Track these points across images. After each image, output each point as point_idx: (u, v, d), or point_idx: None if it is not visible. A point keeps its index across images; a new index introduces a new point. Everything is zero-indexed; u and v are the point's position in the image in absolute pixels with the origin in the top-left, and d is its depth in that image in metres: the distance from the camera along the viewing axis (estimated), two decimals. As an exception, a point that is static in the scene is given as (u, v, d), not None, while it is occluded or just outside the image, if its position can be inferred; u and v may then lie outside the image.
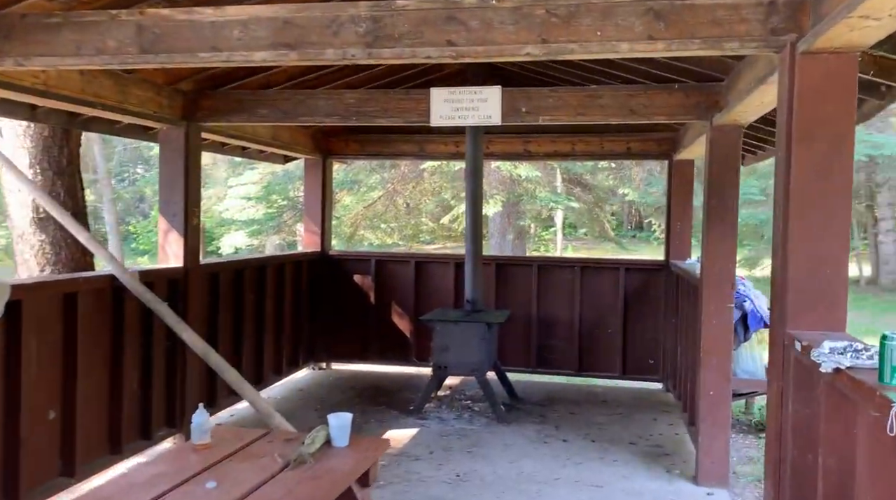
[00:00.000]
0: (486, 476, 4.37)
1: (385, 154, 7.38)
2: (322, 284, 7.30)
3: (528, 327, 6.88)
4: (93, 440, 4.15)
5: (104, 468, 4.24)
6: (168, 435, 4.84)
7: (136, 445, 4.53)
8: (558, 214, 19.53)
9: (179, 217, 4.91)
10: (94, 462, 4.16)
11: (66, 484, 3.93)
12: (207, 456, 2.55)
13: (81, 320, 3.99)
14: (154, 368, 4.64)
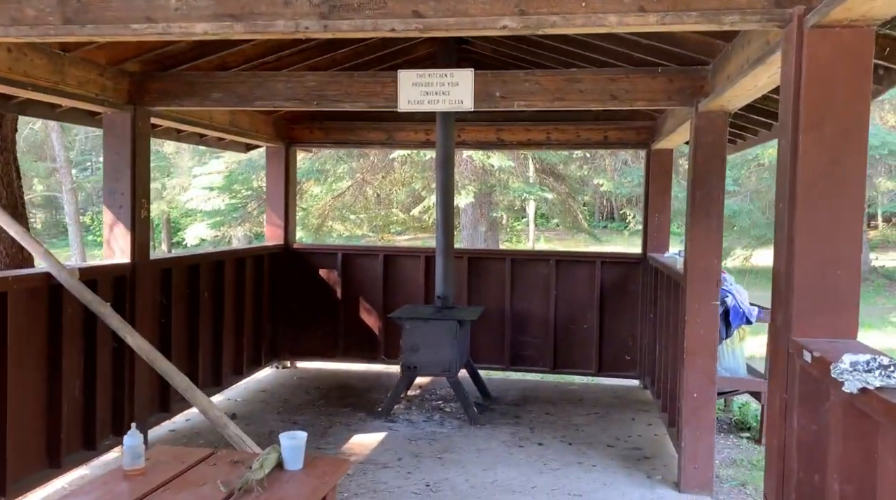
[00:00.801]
0: (459, 486, 4.10)
1: (351, 142, 7.03)
2: (285, 279, 6.95)
3: (501, 324, 6.62)
4: (27, 454, 3.78)
5: (41, 482, 3.89)
6: (115, 444, 4.48)
7: (79, 456, 4.18)
8: (530, 205, 19.33)
9: (126, 209, 4.53)
10: (29, 478, 3.80)
11: (-3, 504, 3.57)
12: (139, 485, 2.23)
13: (11, 322, 3.62)
14: (98, 373, 4.28)
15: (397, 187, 13.88)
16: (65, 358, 4.00)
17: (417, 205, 12.60)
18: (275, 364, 6.97)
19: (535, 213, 21.22)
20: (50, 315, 3.95)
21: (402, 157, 12.26)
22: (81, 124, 5.05)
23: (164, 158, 21.17)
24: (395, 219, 14.60)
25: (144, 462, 2.36)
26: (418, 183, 11.89)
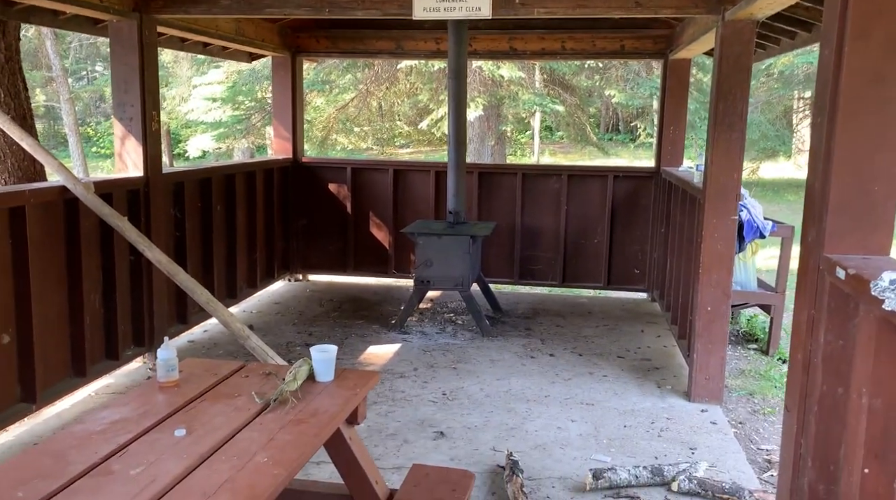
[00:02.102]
0: (474, 394, 4.22)
1: (359, 52, 6.82)
2: (295, 193, 6.91)
3: (511, 238, 6.64)
4: (54, 364, 3.88)
5: (68, 391, 4.00)
6: (136, 355, 4.59)
7: (103, 366, 4.28)
8: (536, 118, 18.99)
9: (137, 121, 4.45)
10: (56, 386, 3.90)
11: (27, 410, 3.69)
12: (175, 396, 2.29)
13: (31, 235, 3.62)
14: (117, 285, 4.32)
15: (402, 99, 13.60)
16: (84, 271, 4.03)
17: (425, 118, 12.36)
18: (287, 277, 7.04)
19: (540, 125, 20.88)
20: (67, 229, 3.95)
21: (407, 68, 11.94)
22: (85, 33, 4.88)
23: (163, 68, 20.59)
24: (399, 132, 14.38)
25: (178, 374, 2.41)
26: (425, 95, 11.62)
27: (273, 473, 1.80)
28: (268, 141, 17.80)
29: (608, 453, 3.48)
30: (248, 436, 2.02)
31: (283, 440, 1.99)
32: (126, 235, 3.94)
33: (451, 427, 3.76)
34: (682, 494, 3.07)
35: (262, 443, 1.97)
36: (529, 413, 3.95)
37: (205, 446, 1.95)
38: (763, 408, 4.20)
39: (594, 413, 3.96)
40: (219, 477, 1.78)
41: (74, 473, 1.78)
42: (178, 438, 1.99)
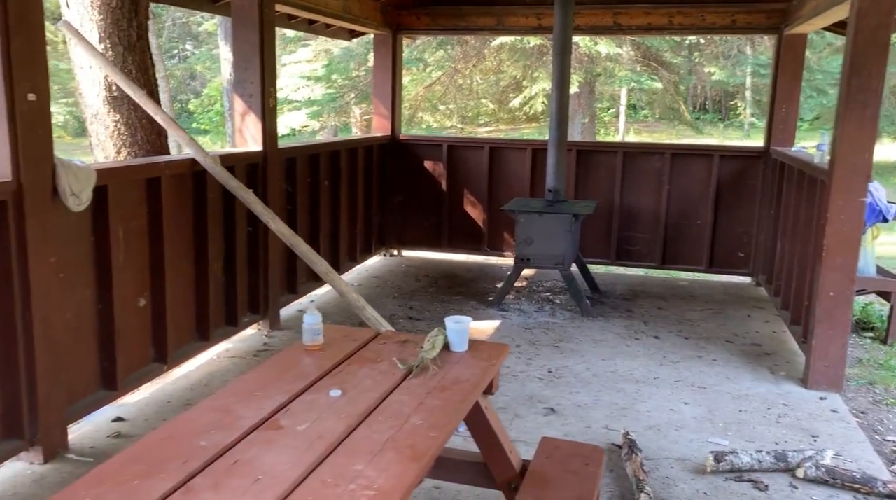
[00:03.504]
0: (580, 373, 4.22)
1: (459, 28, 6.82)
2: (392, 169, 7.03)
3: (609, 218, 6.55)
4: (182, 327, 4.11)
5: (193, 353, 4.23)
6: (252, 322, 4.80)
7: (223, 331, 4.50)
8: (622, 95, 18.57)
9: (256, 98, 4.61)
10: (183, 348, 4.14)
11: (159, 370, 3.92)
12: (322, 360, 2.39)
13: (165, 205, 3.83)
14: (237, 254, 4.52)
15: (488, 77, 13.54)
16: (210, 241, 4.24)
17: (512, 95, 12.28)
18: (383, 252, 7.19)
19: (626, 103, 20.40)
20: (195, 200, 4.15)
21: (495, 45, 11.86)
22: (206, 11, 5.08)
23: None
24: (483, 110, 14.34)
25: (322, 339, 2.52)
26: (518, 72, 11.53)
27: (430, 435, 1.87)
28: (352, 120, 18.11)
29: (725, 436, 3.43)
30: (399, 399, 2.10)
31: (433, 405, 2.05)
32: (251, 207, 4.11)
33: (561, 404, 3.78)
34: (809, 481, 3.00)
35: (413, 406, 2.04)
36: (639, 394, 3.92)
37: (360, 406, 2.03)
38: (885, 398, 4.04)
39: (707, 397, 3.90)
40: (380, 437, 1.86)
41: (246, 427, 1.90)
42: (334, 398, 2.09)
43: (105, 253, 3.46)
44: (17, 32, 2.81)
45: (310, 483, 1.63)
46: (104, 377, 3.54)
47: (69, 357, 3.24)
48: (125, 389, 3.64)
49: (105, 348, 3.52)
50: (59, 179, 3.05)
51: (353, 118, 17.96)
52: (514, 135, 17.43)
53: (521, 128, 18.54)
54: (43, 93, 2.97)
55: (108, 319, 3.50)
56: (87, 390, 3.43)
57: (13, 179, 2.87)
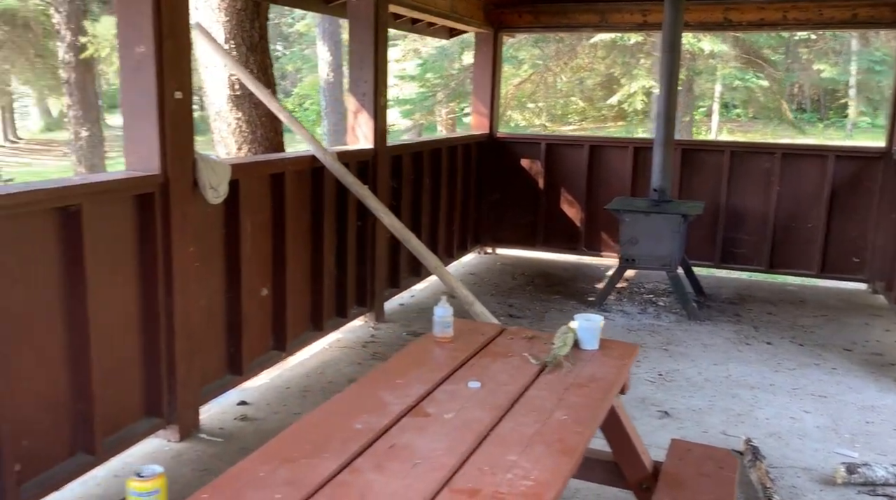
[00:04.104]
0: (692, 377, 4.14)
1: (562, 26, 6.79)
2: (489, 167, 7.06)
3: (714, 219, 6.37)
4: (298, 317, 4.27)
5: (308, 342, 4.39)
6: (359, 314, 4.93)
7: (334, 322, 4.65)
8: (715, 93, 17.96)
9: (369, 97, 4.74)
10: (300, 337, 4.30)
11: (278, 358, 4.09)
12: (454, 351, 2.44)
13: (288, 200, 3.99)
14: (348, 248, 4.66)
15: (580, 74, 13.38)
16: (325, 235, 4.39)
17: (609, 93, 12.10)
18: (478, 250, 7.24)
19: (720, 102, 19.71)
20: (312, 196, 4.31)
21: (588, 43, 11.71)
22: (322, 13, 5.25)
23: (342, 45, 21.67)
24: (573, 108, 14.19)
25: (452, 332, 2.57)
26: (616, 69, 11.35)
27: (576, 430, 1.89)
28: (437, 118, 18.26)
29: (853, 448, 3.29)
30: (537, 394, 2.12)
31: (573, 402, 2.07)
32: (366, 202, 4.23)
33: (675, 408, 3.71)
34: (951, 500, 2.84)
35: (553, 402, 2.06)
36: (756, 401, 3.80)
37: (500, 399, 2.07)
38: None
39: (829, 406, 3.74)
40: (526, 429, 1.89)
41: (396, 412, 1.97)
42: (474, 389, 2.13)
43: (234, 245, 3.64)
44: (168, 35, 2.99)
45: (467, 470, 1.68)
46: (230, 363, 3.73)
47: (202, 342, 3.43)
48: (249, 374, 3.82)
49: (232, 335, 3.71)
50: (200, 172, 3.23)
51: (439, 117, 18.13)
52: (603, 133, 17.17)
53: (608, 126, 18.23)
54: (187, 91, 3.15)
55: (235, 307, 3.69)
56: (215, 375, 3.62)
57: (161, 172, 3.06)
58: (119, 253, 2.97)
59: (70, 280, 2.75)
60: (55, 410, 2.76)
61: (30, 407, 2.61)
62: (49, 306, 2.69)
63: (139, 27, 2.94)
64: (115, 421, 3.01)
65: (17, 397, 2.52)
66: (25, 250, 2.58)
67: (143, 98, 3.00)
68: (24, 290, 2.58)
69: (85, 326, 2.77)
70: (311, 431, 1.88)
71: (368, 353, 4.48)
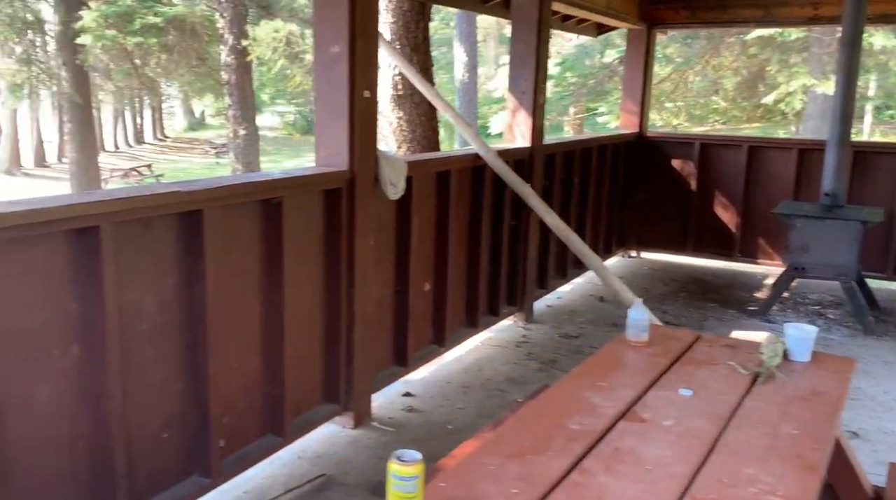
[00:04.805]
0: (877, 396, 3.81)
1: (721, 21, 6.49)
2: (637, 168, 6.86)
3: (888, 227, 5.86)
4: (456, 313, 4.31)
5: (463, 339, 4.42)
6: (510, 313, 4.92)
7: (487, 319, 4.66)
8: (869, 92, 16.61)
9: (528, 95, 4.71)
10: (456, 333, 4.34)
11: (437, 352, 4.15)
12: (652, 357, 2.36)
13: (452, 198, 4.04)
14: (502, 247, 4.66)
15: (723, 72, 12.77)
16: (482, 233, 4.41)
17: (759, 92, 11.47)
18: (622, 253, 7.05)
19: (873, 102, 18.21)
20: (472, 194, 4.34)
21: (733, 40, 11.14)
22: (481, 12, 5.28)
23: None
24: (714, 107, 13.56)
25: (647, 336, 2.49)
26: (774, 66, 10.74)
27: (814, 447, 1.76)
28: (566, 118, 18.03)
29: None
30: (756, 405, 2.01)
31: (800, 416, 1.94)
32: (528, 201, 4.22)
33: (864, 429, 3.43)
34: None
35: (776, 415, 1.94)
36: (960, 427, 3.45)
37: (717, 408, 1.97)
38: None
39: None
40: (757, 442, 1.78)
41: (609, 415, 1.92)
42: (686, 397, 2.05)
43: (405, 240, 3.72)
44: (360, 35, 3.09)
45: (704, 481, 1.60)
46: (396, 354, 3.82)
47: (374, 333, 3.53)
48: (412, 367, 3.90)
49: (399, 328, 3.79)
50: (381, 169, 3.32)
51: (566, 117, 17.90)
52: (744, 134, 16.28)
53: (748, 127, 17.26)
54: (374, 90, 3.24)
55: (403, 301, 3.77)
56: (383, 366, 3.72)
57: (348, 168, 3.17)
58: (308, 245, 3.10)
59: (269, 269, 2.90)
60: (250, 391, 2.92)
61: (231, 387, 2.77)
62: (252, 293, 2.85)
63: (335, 27, 3.06)
64: (299, 405, 3.15)
65: (223, 377, 2.68)
66: (235, 241, 2.74)
67: (335, 96, 3.12)
68: (235, 278, 2.74)
69: (281, 312, 2.92)
70: (527, 428, 1.86)
71: (523, 353, 4.46)
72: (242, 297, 2.81)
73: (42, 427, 2.14)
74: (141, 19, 10.19)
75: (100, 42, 10.16)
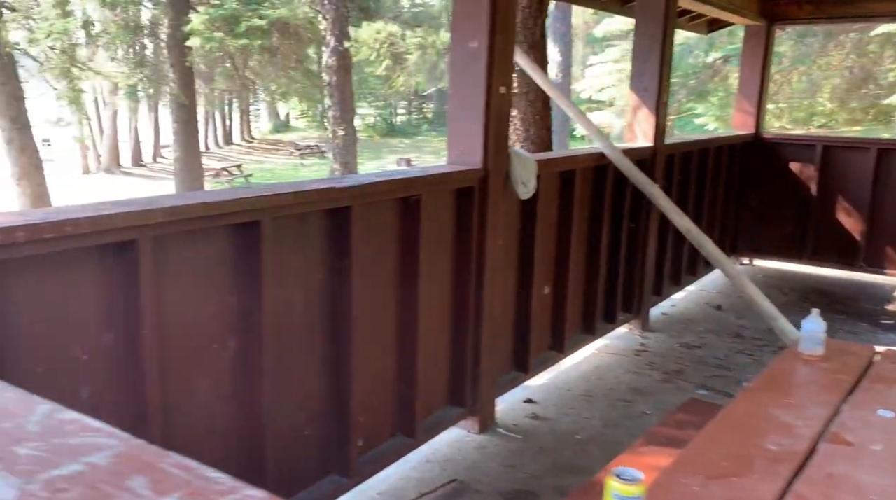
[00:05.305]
0: None
1: (849, 16, 6.11)
2: (751, 170, 6.52)
3: None
4: (574, 318, 4.17)
5: (580, 345, 4.28)
6: (626, 320, 4.74)
7: (602, 326, 4.49)
8: None
9: (651, 92, 4.53)
10: (573, 339, 4.20)
11: (555, 358, 4.02)
12: (832, 373, 2.17)
13: (575, 199, 3.90)
14: (620, 250, 4.49)
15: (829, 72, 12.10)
16: (602, 236, 4.25)
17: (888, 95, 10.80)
18: (734, 259, 6.72)
19: None
20: (593, 194, 4.19)
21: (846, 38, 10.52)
22: (611, 12, 5.13)
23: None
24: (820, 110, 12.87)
25: (823, 349, 2.30)
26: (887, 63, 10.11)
27: None
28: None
29: None
30: (974, 434, 1.79)
31: None
32: (657, 202, 4.04)
33: None
34: None
35: None
36: None
37: (931, 435, 1.77)
38: None
39: None
40: None
41: (806, 435, 1.75)
42: (889, 419, 1.86)
43: (529, 241, 3.61)
44: (500, 30, 3.01)
45: (945, 517, 1.43)
46: (516, 359, 3.71)
47: (499, 336, 3.43)
48: (533, 372, 3.78)
49: (520, 331, 3.69)
50: (513, 167, 3.22)
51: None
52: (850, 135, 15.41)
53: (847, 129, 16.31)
54: (509, 87, 3.16)
55: (525, 303, 3.66)
56: (504, 370, 3.62)
57: (482, 166, 3.09)
58: (439, 243, 3.04)
59: (405, 267, 2.85)
60: (384, 390, 2.88)
61: (367, 386, 2.73)
62: (388, 291, 2.81)
63: (475, 22, 2.98)
64: (427, 407, 3.09)
65: (361, 374, 2.64)
66: (375, 238, 2.70)
67: (471, 93, 3.04)
68: (374, 276, 2.70)
69: (415, 311, 2.86)
70: (719, 446, 1.72)
71: (643, 362, 4.27)
72: (380, 294, 2.77)
73: (202, 419, 2.14)
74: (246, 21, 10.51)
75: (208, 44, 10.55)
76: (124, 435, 0.70)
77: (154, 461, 0.65)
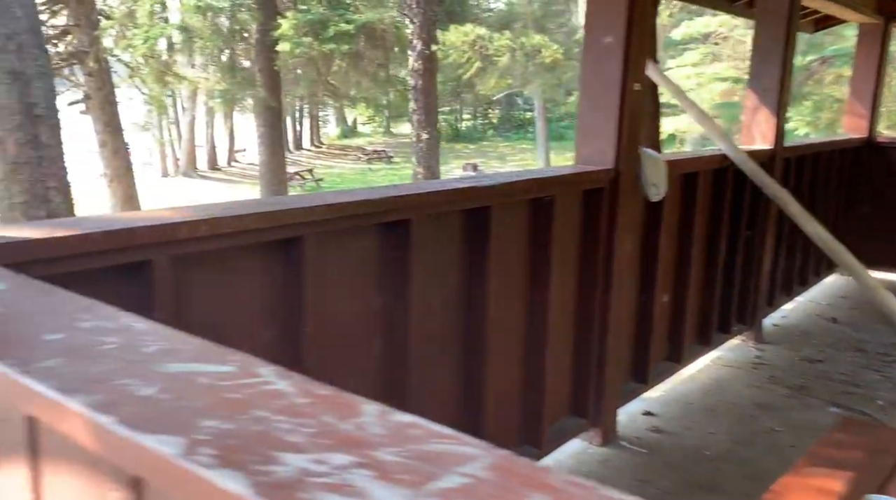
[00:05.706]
0: None
1: (979, 11, 5.69)
2: (862, 176, 6.16)
3: None
4: (691, 328, 3.98)
5: (695, 356, 4.08)
6: (740, 331, 4.51)
7: (717, 337, 4.28)
8: None
9: (771, 92, 4.30)
10: (687, 350, 4.00)
11: (672, 369, 3.85)
12: None
13: (697, 203, 3.73)
14: (736, 257, 4.27)
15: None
16: (721, 242, 4.06)
17: None
18: (839, 271, 6.36)
19: None
20: (712, 198, 4.00)
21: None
22: (723, 11, 4.94)
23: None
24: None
25: None
26: None
27: None
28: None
29: None
30: None
31: None
32: (787, 209, 3.83)
33: None
34: None
35: None
36: None
37: None
38: None
39: None
40: None
41: None
42: None
43: (653, 246, 3.46)
44: (637, 24, 2.88)
45: None
46: (636, 369, 3.56)
47: (622, 344, 3.29)
48: (652, 383, 3.62)
49: (640, 340, 3.53)
50: (644, 168, 3.09)
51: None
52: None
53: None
54: (644, 83, 3.02)
55: (647, 310, 3.51)
56: (623, 380, 3.47)
57: (613, 166, 2.96)
58: (567, 246, 2.93)
59: (534, 271, 2.75)
60: (511, 398, 2.78)
61: (497, 393, 2.63)
62: (518, 295, 2.71)
63: (610, 16, 2.87)
64: (552, 416, 2.97)
65: (492, 381, 2.55)
66: (508, 240, 2.61)
67: (605, 90, 2.93)
68: (506, 279, 2.61)
69: (545, 315, 2.76)
70: None
71: (763, 376, 4.05)
72: (511, 297, 2.67)
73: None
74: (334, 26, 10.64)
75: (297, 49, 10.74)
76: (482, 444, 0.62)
77: (539, 476, 0.57)
